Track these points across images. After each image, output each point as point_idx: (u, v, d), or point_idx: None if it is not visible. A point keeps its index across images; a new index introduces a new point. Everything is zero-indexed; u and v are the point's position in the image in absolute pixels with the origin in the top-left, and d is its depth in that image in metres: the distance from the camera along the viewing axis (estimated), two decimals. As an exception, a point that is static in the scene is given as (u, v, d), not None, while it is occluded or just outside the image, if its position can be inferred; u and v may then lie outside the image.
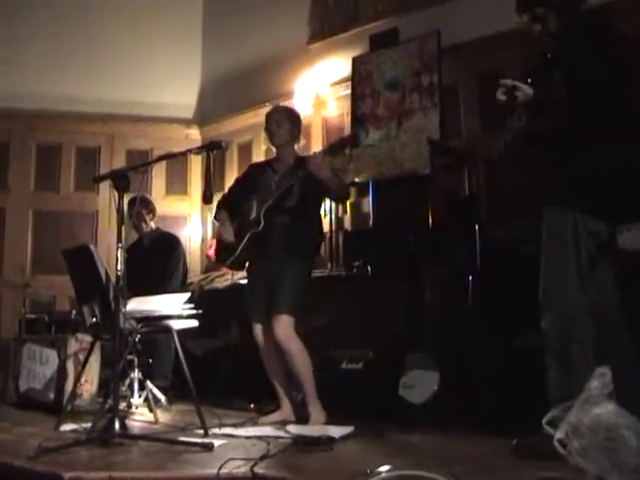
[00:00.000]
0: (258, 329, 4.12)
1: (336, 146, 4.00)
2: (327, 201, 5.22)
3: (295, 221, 4.06)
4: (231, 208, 4.30)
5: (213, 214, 4.42)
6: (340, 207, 5.89)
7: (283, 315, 3.91)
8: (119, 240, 3.34)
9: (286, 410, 4.10)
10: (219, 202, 4.40)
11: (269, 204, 4.04)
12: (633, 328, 3.09)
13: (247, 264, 4.29)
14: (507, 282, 4.11)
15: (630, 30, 4.03)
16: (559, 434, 2.22)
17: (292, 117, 4.27)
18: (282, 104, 4.73)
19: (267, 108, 4.35)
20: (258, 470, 2.59)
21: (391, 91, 5.69)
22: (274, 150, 4.35)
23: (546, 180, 3.27)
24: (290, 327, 3.92)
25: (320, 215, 4.39)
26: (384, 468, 1.79)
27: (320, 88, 6.42)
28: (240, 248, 4.10)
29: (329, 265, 5.55)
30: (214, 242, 6.72)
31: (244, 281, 5.69)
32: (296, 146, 4.28)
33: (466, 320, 4.28)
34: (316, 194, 4.16)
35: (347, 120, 6.10)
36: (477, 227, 4.39)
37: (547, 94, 3.04)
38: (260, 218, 4.02)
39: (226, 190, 4.69)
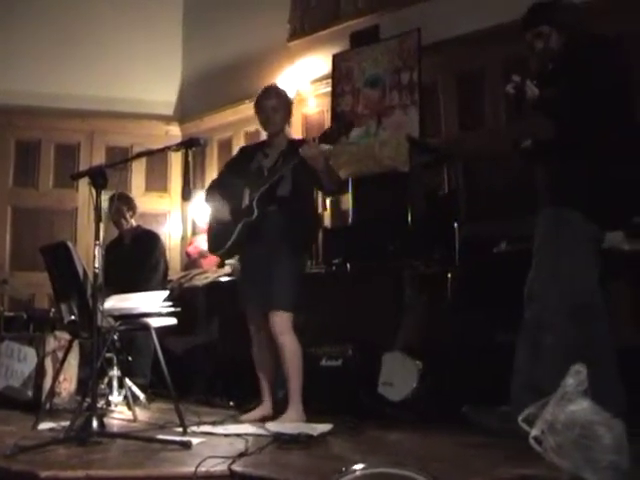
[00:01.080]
0: (252, 320, 4.07)
1: (334, 134, 3.82)
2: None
3: (287, 212, 3.93)
4: (222, 192, 4.14)
5: (204, 198, 4.26)
6: (320, 204, 5.89)
7: (280, 311, 3.87)
8: (97, 237, 3.32)
9: (268, 407, 4.08)
10: (210, 185, 4.31)
11: (261, 192, 3.91)
12: None
13: (240, 256, 4.23)
14: (486, 279, 4.14)
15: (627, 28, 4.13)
16: (535, 431, 2.24)
17: (286, 102, 4.15)
18: (273, 85, 4.46)
19: (247, 105, 4.30)
20: (236, 468, 2.58)
21: (371, 88, 5.70)
22: (263, 132, 4.25)
23: (547, 182, 3.30)
24: (287, 323, 3.88)
25: (314, 204, 4.31)
26: (359, 466, 1.79)
27: (300, 85, 6.41)
28: (234, 236, 3.97)
29: (308, 262, 5.54)
30: (194, 239, 6.79)
31: (224, 279, 5.72)
32: (287, 128, 4.21)
33: (445, 317, 4.30)
34: (309, 183, 4.04)
35: (327, 117, 6.11)
36: (456, 225, 4.41)
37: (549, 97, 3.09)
38: (253, 207, 3.90)
39: (210, 181, 4.55)
